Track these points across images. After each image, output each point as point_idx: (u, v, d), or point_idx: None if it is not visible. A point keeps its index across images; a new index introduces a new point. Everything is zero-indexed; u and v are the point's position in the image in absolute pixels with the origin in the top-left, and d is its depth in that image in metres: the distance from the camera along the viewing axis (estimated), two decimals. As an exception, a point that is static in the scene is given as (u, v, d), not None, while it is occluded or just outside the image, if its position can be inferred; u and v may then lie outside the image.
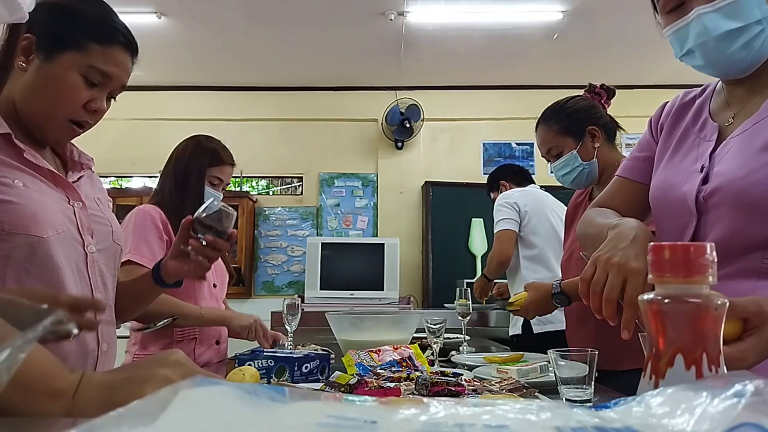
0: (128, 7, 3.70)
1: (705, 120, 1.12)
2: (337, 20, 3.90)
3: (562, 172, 1.83)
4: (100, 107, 1.12)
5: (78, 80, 1.08)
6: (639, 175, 1.25)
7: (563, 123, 1.83)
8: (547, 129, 1.86)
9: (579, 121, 1.82)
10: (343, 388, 1.15)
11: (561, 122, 1.83)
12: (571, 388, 1.15)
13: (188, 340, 1.89)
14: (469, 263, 4.60)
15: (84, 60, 1.08)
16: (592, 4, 3.69)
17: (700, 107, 1.16)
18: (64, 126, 1.11)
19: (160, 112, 4.87)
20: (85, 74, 1.08)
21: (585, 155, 1.80)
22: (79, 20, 1.09)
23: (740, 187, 0.97)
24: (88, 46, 1.08)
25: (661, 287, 0.47)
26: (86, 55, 1.08)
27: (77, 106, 1.09)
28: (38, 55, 1.07)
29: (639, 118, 4.39)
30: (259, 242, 4.94)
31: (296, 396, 0.40)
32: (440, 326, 1.66)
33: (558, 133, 1.83)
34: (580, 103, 1.87)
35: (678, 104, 1.21)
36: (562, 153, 1.82)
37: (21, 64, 1.07)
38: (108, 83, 1.12)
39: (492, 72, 4.81)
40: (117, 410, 0.34)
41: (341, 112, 5.04)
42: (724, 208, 0.99)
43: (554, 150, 1.84)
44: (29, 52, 1.07)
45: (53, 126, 1.11)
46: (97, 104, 1.11)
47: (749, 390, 0.36)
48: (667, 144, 1.19)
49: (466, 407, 0.40)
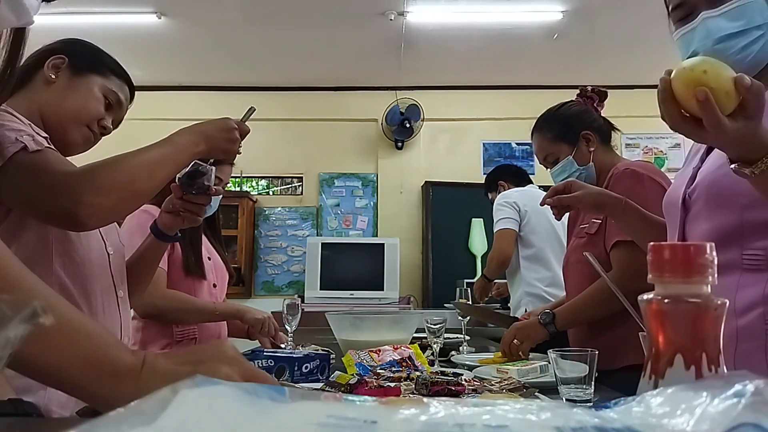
0: (128, 7, 3.70)
1: None
2: (337, 20, 3.90)
3: (560, 177, 1.83)
4: (108, 126, 1.31)
5: (100, 96, 1.27)
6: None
7: (556, 130, 1.85)
8: (541, 137, 1.88)
9: (572, 127, 1.83)
10: (343, 388, 1.15)
11: (554, 129, 1.85)
12: (571, 388, 1.15)
13: (188, 339, 1.89)
14: (469, 263, 4.60)
15: (106, 84, 1.28)
16: (592, 4, 3.69)
17: None
18: (84, 131, 1.27)
19: (160, 112, 4.86)
20: (105, 94, 1.28)
21: (581, 160, 1.81)
22: (99, 54, 1.32)
23: (711, 180, 1.04)
24: (109, 75, 1.30)
25: (661, 287, 0.47)
26: (108, 81, 1.29)
27: (95, 117, 1.26)
28: (67, 71, 1.25)
29: (639, 118, 4.42)
30: (259, 242, 4.94)
31: (296, 396, 0.40)
32: (440, 326, 1.66)
33: (552, 141, 1.85)
34: (572, 109, 1.89)
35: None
36: (558, 159, 1.84)
37: (51, 76, 1.23)
38: (117, 110, 1.32)
39: (492, 72, 4.82)
40: (117, 410, 0.34)
41: (341, 112, 5.04)
42: (701, 203, 1.06)
43: (550, 157, 1.86)
44: (59, 69, 1.24)
45: (76, 128, 1.25)
46: (106, 122, 1.29)
47: (749, 390, 0.36)
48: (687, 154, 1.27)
49: (466, 407, 0.40)
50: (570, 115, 1.86)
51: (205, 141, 1.23)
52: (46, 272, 1.16)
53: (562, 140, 1.84)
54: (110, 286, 1.30)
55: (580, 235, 1.77)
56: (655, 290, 0.48)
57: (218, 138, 1.26)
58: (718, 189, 1.03)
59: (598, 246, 1.66)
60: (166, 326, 1.87)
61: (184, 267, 1.89)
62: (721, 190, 1.02)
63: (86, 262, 1.23)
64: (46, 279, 1.13)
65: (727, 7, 1.03)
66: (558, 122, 1.86)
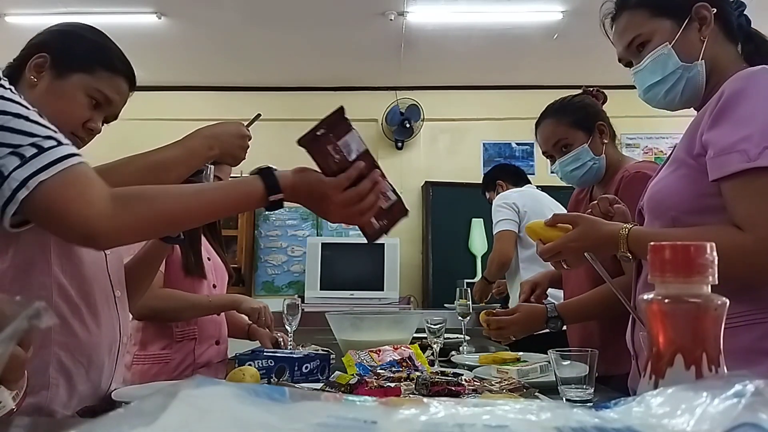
0: (128, 7, 3.70)
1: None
2: (337, 20, 3.90)
3: (572, 166, 1.75)
4: (96, 128, 1.22)
5: (84, 100, 1.17)
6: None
7: (575, 116, 1.78)
8: (556, 122, 1.79)
9: (589, 116, 1.78)
10: (343, 388, 1.15)
11: (572, 115, 1.78)
12: (572, 388, 1.15)
13: (188, 339, 1.89)
14: (469, 263, 4.60)
15: (92, 83, 1.17)
16: (592, 5, 3.65)
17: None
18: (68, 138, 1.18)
19: (160, 113, 4.87)
20: (90, 95, 1.18)
21: (595, 150, 1.75)
22: (90, 46, 1.20)
23: (650, 195, 1.19)
24: (97, 71, 1.18)
25: (661, 287, 0.47)
26: (94, 79, 1.18)
27: (79, 122, 1.18)
28: (50, 72, 1.15)
29: (638, 118, 4.42)
30: (259, 242, 4.94)
31: (296, 396, 0.40)
32: (440, 326, 1.66)
33: (570, 126, 1.77)
34: (586, 100, 1.85)
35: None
36: (571, 147, 1.75)
37: (32, 79, 1.15)
38: (107, 107, 1.22)
39: (492, 72, 4.81)
40: (117, 410, 0.34)
41: (341, 112, 5.03)
42: (648, 216, 1.20)
43: (563, 142, 1.76)
44: (41, 70, 1.15)
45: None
46: (94, 124, 1.20)
47: (749, 390, 0.36)
48: None
49: (466, 407, 0.40)
50: (586, 104, 1.82)
51: (219, 145, 1.23)
52: (45, 273, 1.16)
53: (579, 127, 1.76)
54: (107, 286, 1.30)
55: None
56: (655, 290, 0.48)
57: (232, 144, 1.26)
58: (654, 203, 1.17)
59: None
60: (165, 326, 1.86)
61: (184, 267, 1.89)
62: (656, 204, 1.16)
63: (84, 263, 1.23)
64: (44, 279, 1.16)
65: (645, 62, 1.22)
66: (576, 109, 1.80)
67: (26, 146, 0.82)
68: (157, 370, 1.82)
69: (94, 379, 1.24)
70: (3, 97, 0.84)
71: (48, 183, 0.82)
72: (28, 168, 0.81)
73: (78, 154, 0.89)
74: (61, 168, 0.83)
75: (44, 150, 0.83)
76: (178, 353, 1.86)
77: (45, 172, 0.82)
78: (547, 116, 1.84)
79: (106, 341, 1.27)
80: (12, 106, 0.85)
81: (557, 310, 1.65)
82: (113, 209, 0.88)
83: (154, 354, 1.84)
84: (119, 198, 0.90)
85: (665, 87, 1.21)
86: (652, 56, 1.21)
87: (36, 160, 0.82)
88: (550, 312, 1.65)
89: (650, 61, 1.21)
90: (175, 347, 1.86)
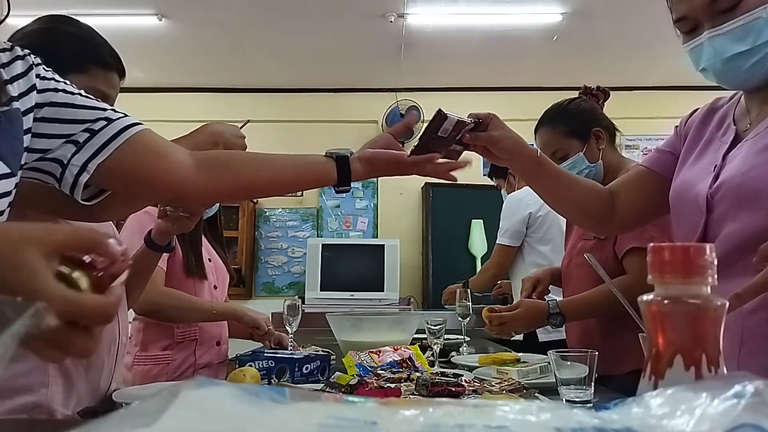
0: (129, 9, 3.70)
1: (728, 125, 1.16)
2: (337, 22, 3.90)
3: None
4: None
5: None
6: (659, 166, 1.28)
7: (569, 125, 1.78)
8: (551, 131, 1.80)
9: (584, 123, 1.78)
10: (343, 388, 1.15)
11: (567, 124, 1.78)
12: (571, 389, 1.15)
13: (189, 341, 1.89)
14: (469, 264, 4.59)
15: (87, 82, 1.14)
16: (592, 6, 3.69)
17: (725, 113, 1.19)
18: None
19: (161, 114, 4.85)
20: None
21: (590, 157, 1.75)
22: (79, 44, 1.19)
23: (740, 182, 1.02)
24: (90, 69, 1.17)
25: (661, 288, 0.47)
26: (89, 77, 1.15)
27: None
28: None
29: (639, 120, 4.40)
30: (259, 243, 4.94)
31: (297, 397, 0.40)
32: (440, 327, 1.66)
33: (564, 135, 1.77)
34: (582, 105, 1.84)
35: (707, 109, 1.25)
36: (567, 156, 1.77)
37: None
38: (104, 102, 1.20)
39: (492, 74, 4.81)
40: (118, 411, 0.34)
41: (341, 113, 5.04)
42: (728, 205, 1.03)
43: (559, 152, 1.77)
44: None
45: None
46: None
47: (749, 391, 0.36)
48: (691, 148, 1.22)
49: (466, 408, 0.40)
50: (582, 111, 1.81)
51: (223, 141, 1.23)
52: None
53: (574, 135, 1.77)
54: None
55: (586, 237, 1.74)
56: (654, 291, 0.48)
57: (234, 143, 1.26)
58: (748, 192, 1.00)
59: (605, 250, 1.64)
60: (167, 327, 1.87)
61: (185, 268, 1.89)
62: (750, 193, 1.00)
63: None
64: None
65: (732, 25, 1.01)
66: (570, 117, 1.80)
67: (79, 133, 0.89)
68: (158, 371, 1.82)
69: (93, 379, 1.24)
70: (48, 89, 0.89)
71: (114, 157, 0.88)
72: (84, 153, 0.88)
73: (137, 123, 0.95)
74: (121, 141, 0.90)
75: (96, 132, 0.89)
76: (179, 354, 1.86)
77: (101, 154, 0.88)
78: (543, 124, 1.85)
79: (106, 341, 1.27)
80: (57, 96, 0.89)
81: (559, 306, 1.66)
82: (196, 173, 0.97)
83: (155, 355, 1.85)
84: (203, 162, 0.98)
85: (752, 59, 1.01)
86: (744, 20, 1.00)
87: (90, 143, 0.88)
88: (552, 308, 1.65)
89: (740, 24, 1.00)
90: (176, 348, 1.86)
